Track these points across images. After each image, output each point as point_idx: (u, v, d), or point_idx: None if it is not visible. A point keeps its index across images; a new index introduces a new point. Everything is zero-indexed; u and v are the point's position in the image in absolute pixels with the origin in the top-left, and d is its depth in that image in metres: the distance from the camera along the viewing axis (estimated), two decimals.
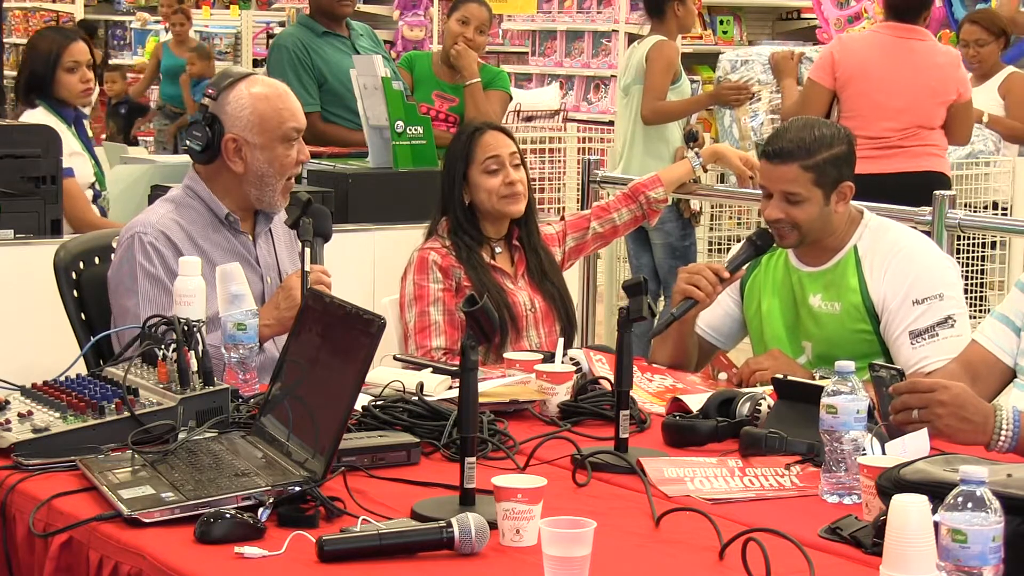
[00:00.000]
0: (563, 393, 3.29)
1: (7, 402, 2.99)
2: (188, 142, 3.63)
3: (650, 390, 3.44)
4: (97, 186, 5.43)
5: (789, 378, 3.14)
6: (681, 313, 3.62)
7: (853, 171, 3.67)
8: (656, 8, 6.75)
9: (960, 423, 2.84)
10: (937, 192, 4.61)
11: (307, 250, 3.52)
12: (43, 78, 5.43)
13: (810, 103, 6.18)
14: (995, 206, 7.48)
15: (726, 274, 3.66)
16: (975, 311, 6.81)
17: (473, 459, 2.51)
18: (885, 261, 3.65)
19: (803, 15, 11.21)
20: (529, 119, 8.20)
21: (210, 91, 3.62)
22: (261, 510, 2.46)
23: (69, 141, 5.24)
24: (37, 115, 5.34)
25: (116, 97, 12.47)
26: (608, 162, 6.88)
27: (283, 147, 3.61)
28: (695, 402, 3.20)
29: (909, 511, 2.08)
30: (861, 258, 3.68)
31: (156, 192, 4.71)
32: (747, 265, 3.80)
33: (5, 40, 11.78)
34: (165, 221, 3.59)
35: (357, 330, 2.64)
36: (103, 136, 11.62)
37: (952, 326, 3.58)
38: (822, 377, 3.53)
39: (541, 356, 3.58)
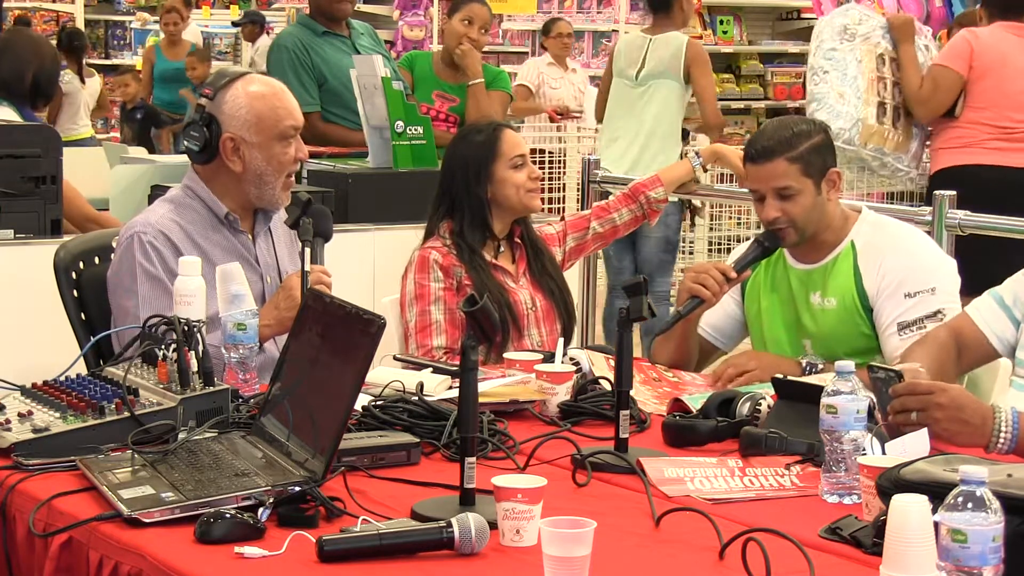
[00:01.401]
0: (563, 393, 3.29)
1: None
2: (186, 143, 3.63)
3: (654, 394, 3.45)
4: None
5: (789, 378, 3.14)
6: (687, 312, 3.63)
7: (835, 160, 3.72)
8: (664, 2, 6.85)
9: (958, 425, 2.84)
10: (937, 192, 4.62)
11: (307, 250, 3.52)
12: (50, 86, 5.48)
13: (943, 88, 6.25)
14: None
15: (733, 274, 3.66)
16: None
17: (473, 459, 2.51)
18: (881, 254, 3.66)
19: (803, 15, 11.22)
20: None
21: (207, 91, 3.63)
22: (261, 510, 2.46)
23: None
24: (2, 112, 5.35)
25: (131, 102, 11.84)
26: (606, 159, 6.85)
27: (280, 145, 3.61)
28: (695, 402, 3.20)
29: (909, 511, 2.08)
30: (859, 252, 3.69)
31: (156, 192, 4.71)
32: (749, 269, 3.80)
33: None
34: (164, 221, 3.59)
35: (357, 330, 2.64)
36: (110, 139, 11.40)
37: (941, 320, 3.56)
38: (808, 363, 3.55)
39: (541, 356, 3.58)
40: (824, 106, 6.53)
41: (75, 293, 3.76)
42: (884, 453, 2.69)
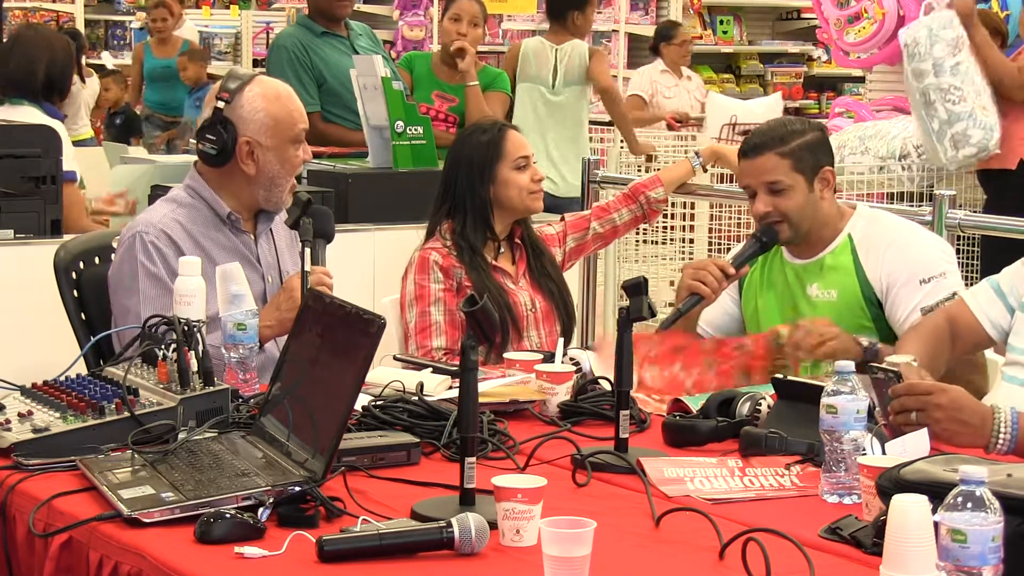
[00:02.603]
0: (563, 393, 3.29)
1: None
2: (200, 146, 3.62)
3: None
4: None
5: (789, 378, 3.15)
6: (687, 309, 3.65)
7: (831, 159, 3.74)
8: (559, 12, 7.47)
9: (958, 426, 2.84)
10: (937, 192, 4.62)
11: (307, 250, 3.52)
12: (64, 78, 5.48)
13: None
14: None
15: (731, 270, 3.68)
16: None
17: (473, 459, 2.51)
18: (881, 246, 3.70)
19: (803, 15, 11.23)
20: (745, 133, 8.09)
21: (223, 94, 3.62)
22: (261, 510, 2.46)
23: (67, 142, 5.28)
24: (25, 113, 5.34)
25: (113, 106, 11.28)
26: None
27: (293, 148, 3.64)
28: (695, 402, 3.20)
29: (909, 511, 2.08)
30: (857, 245, 3.73)
31: (156, 192, 4.71)
32: (747, 265, 3.81)
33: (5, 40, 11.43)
34: (166, 220, 3.59)
35: (357, 330, 2.64)
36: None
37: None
38: (871, 343, 3.53)
39: (541, 356, 3.58)
40: (975, 122, 6.54)
41: (75, 293, 3.76)
42: (884, 453, 2.69)
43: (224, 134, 3.58)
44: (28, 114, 5.31)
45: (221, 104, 3.60)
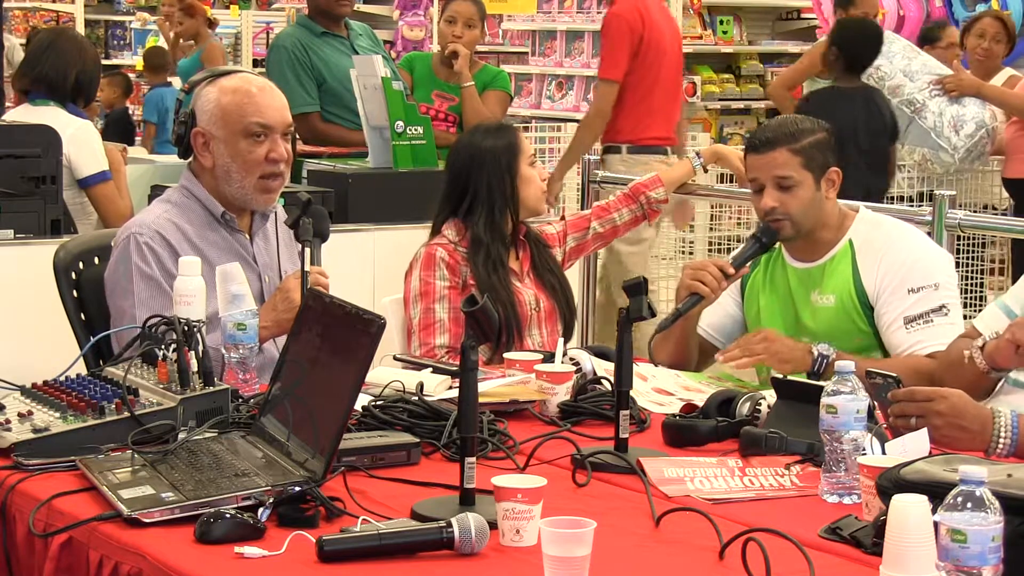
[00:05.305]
0: (563, 393, 3.29)
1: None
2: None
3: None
4: None
5: (789, 378, 3.15)
6: (687, 309, 3.64)
7: (837, 159, 3.73)
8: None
9: (958, 432, 2.85)
10: (937, 192, 4.62)
11: (307, 250, 3.51)
12: (91, 88, 5.52)
13: None
14: (990, 208, 7.55)
15: (731, 270, 3.68)
16: (975, 311, 6.83)
17: (473, 459, 2.51)
18: (879, 252, 3.68)
19: (803, 15, 11.21)
20: None
21: (186, 86, 3.66)
22: (261, 510, 2.46)
23: (98, 142, 5.33)
24: (49, 113, 5.34)
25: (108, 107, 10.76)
26: None
27: (246, 142, 3.58)
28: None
29: (909, 511, 2.08)
30: (857, 250, 3.71)
31: (156, 192, 4.71)
32: (747, 265, 3.80)
33: (5, 40, 11.28)
34: (161, 221, 3.59)
35: (357, 330, 2.64)
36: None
37: (946, 314, 3.60)
38: (820, 354, 3.53)
39: (541, 356, 3.58)
40: (963, 102, 6.85)
41: (75, 293, 3.76)
42: (884, 453, 2.69)
43: (183, 124, 3.60)
44: (52, 114, 5.31)
45: (181, 95, 3.64)
